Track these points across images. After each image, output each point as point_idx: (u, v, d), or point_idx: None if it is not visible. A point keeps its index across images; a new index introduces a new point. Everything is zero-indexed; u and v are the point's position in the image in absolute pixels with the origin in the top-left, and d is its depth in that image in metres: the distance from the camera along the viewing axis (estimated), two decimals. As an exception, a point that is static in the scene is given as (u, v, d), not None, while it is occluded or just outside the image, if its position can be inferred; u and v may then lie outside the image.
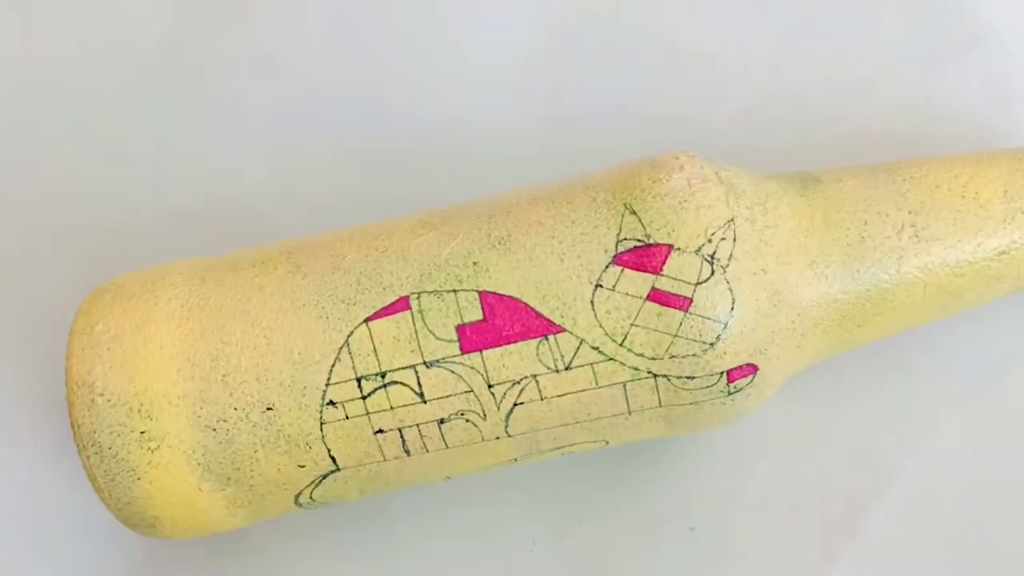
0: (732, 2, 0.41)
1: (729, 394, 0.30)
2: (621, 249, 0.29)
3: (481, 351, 0.29)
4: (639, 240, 0.29)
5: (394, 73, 0.41)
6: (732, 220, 0.29)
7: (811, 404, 0.37)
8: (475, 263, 0.29)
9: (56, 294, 0.36)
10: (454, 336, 0.29)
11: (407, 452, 0.30)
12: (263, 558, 0.37)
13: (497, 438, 0.30)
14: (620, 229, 0.29)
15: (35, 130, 0.42)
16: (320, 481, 0.31)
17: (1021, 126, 0.38)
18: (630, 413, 0.30)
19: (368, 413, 0.29)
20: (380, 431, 0.29)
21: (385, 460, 0.30)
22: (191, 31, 0.43)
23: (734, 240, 0.29)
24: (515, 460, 0.32)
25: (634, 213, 0.29)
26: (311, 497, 0.31)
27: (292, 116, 0.41)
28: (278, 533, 0.37)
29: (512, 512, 0.36)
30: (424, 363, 0.29)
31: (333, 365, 0.29)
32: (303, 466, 0.30)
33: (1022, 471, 0.35)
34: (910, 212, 0.30)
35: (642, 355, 0.29)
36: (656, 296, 0.28)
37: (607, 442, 0.32)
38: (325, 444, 0.29)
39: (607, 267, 0.29)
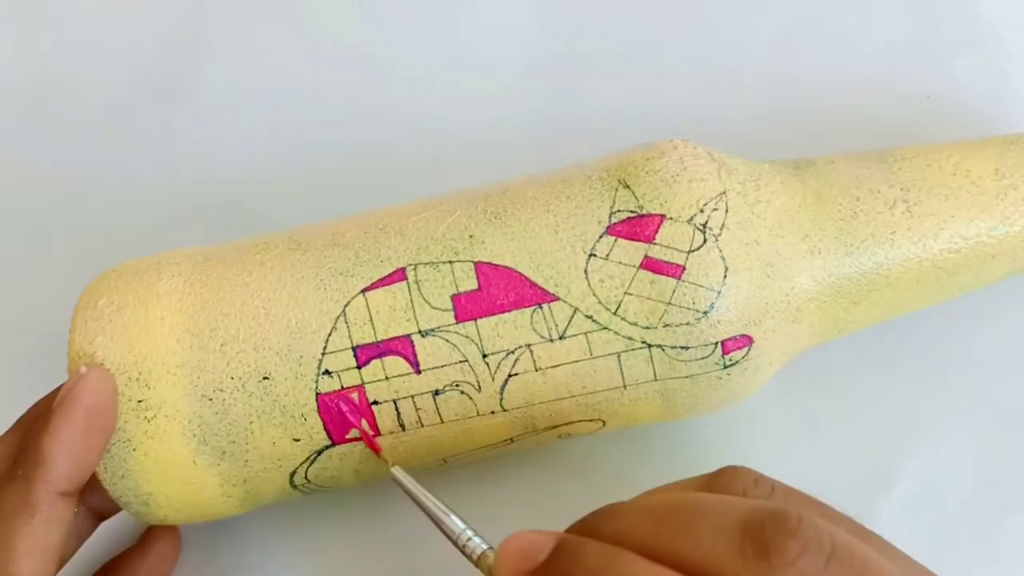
0: (734, 4, 0.42)
1: (724, 367, 0.29)
2: (614, 220, 0.29)
3: (476, 320, 0.29)
4: (632, 211, 0.29)
5: (394, 76, 0.43)
6: (724, 193, 0.30)
7: (811, 405, 0.36)
8: (471, 236, 0.30)
9: (56, 295, 0.37)
10: (449, 305, 0.29)
11: (402, 426, 0.30)
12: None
13: (492, 412, 0.30)
14: (614, 202, 0.30)
15: (36, 131, 0.44)
16: (315, 458, 0.30)
17: (1020, 125, 0.38)
18: (625, 387, 0.30)
19: (363, 383, 0.29)
20: (375, 403, 0.30)
21: (380, 435, 0.30)
22: (190, 33, 0.44)
23: (726, 211, 0.29)
24: (511, 440, 0.32)
25: (627, 187, 0.30)
26: (306, 477, 0.31)
27: (292, 117, 0.43)
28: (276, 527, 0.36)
29: (509, 509, 0.36)
30: (419, 332, 0.29)
31: (330, 334, 0.29)
32: (298, 440, 0.30)
33: (1022, 470, 0.35)
34: (902, 189, 0.31)
35: (636, 324, 0.29)
36: (649, 264, 0.29)
37: (603, 422, 0.31)
38: (320, 415, 0.30)
39: (601, 237, 0.29)
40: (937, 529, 0.34)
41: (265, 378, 0.29)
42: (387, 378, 0.29)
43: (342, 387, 0.29)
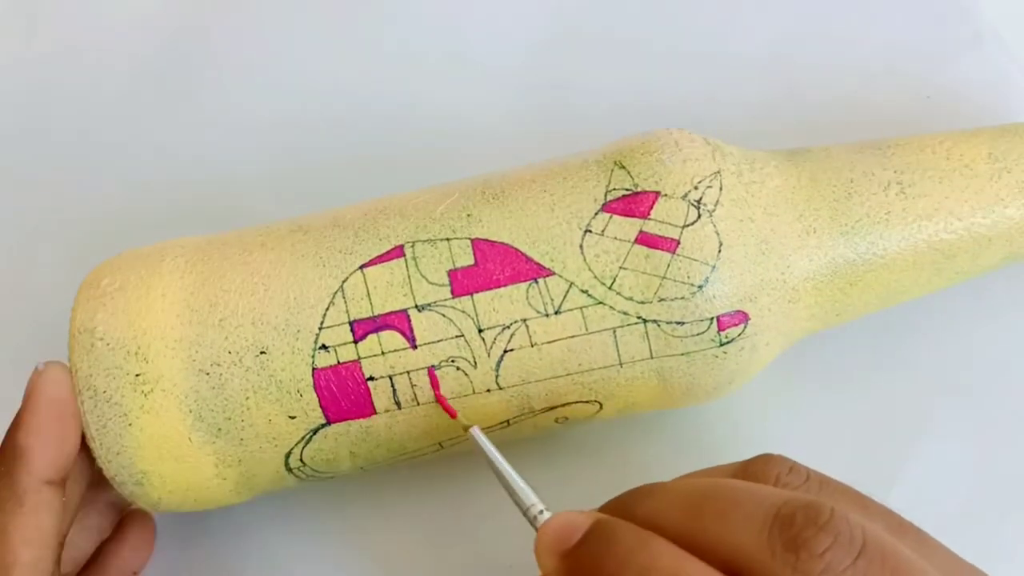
0: (734, 4, 0.43)
1: (720, 344, 0.29)
2: (610, 198, 0.30)
3: (472, 294, 0.29)
4: (627, 189, 0.30)
5: (395, 72, 0.43)
6: (718, 172, 0.30)
7: (811, 405, 0.36)
8: (469, 215, 0.30)
9: (55, 294, 0.37)
10: (446, 280, 0.29)
11: (397, 404, 0.30)
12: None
13: (488, 391, 0.30)
14: (609, 181, 0.30)
15: (36, 130, 0.44)
16: (310, 437, 0.30)
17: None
18: (621, 365, 0.30)
19: (360, 358, 0.29)
20: (371, 378, 0.30)
21: (376, 413, 0.30)
22: (190, 32, 0.45)
23: (720, 189, 0.30)
24: (507, 423, 0.31)
25: (623, 167, 0.30)
26: (301, 459, 0.31)
27: (292, 113, 0.43)
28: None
29: (510, 507, 0.35)
30: (416, 306, 0.29)
31: (327, 309, 0.30)
32: (293, 417, 0.30)
33: (1022, 470, 0.35)
34: (896, 171, 0.31)
35: (631, 299, 0.29)
36: (644, 239, 0.29)
37: (600, 405, 0.31)
38: (316, 391, 0.30)
39: (596, 214, 0.30)
40: (937, 529, 0.34)
41: (262, 352, 0.30)
42: (383, 353, 0.29)
43: (338, 362, 0.29)
